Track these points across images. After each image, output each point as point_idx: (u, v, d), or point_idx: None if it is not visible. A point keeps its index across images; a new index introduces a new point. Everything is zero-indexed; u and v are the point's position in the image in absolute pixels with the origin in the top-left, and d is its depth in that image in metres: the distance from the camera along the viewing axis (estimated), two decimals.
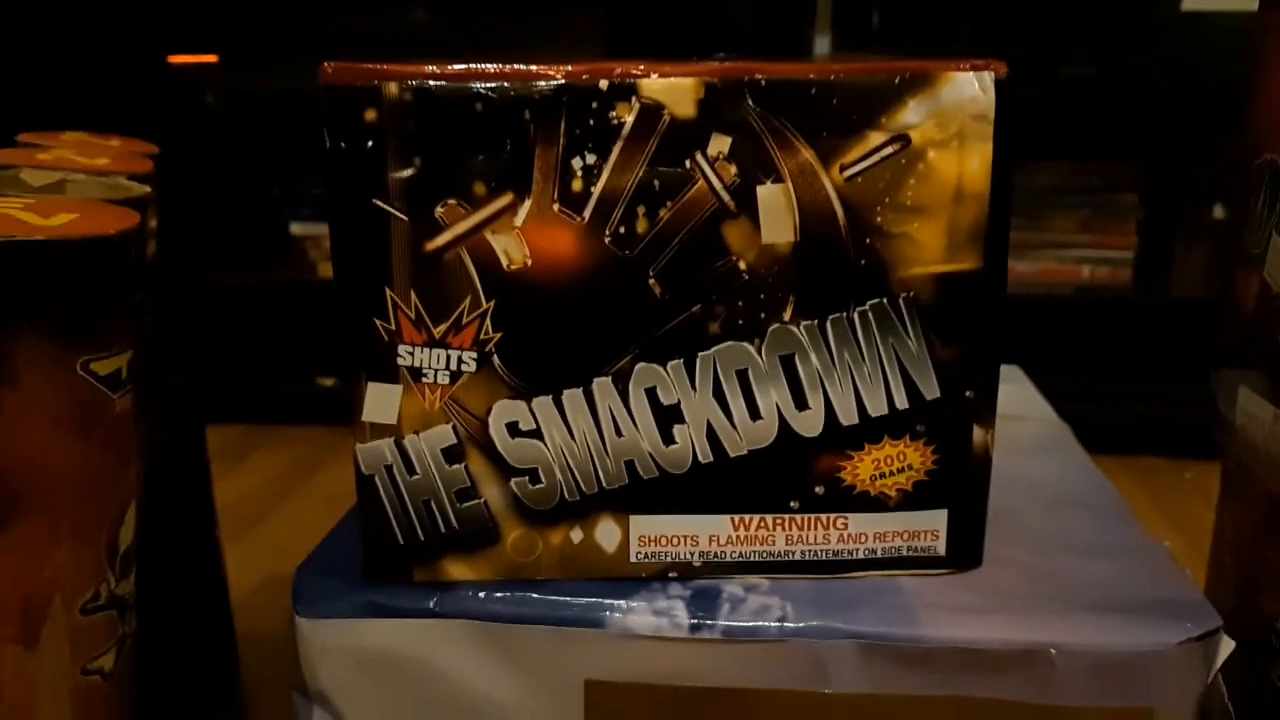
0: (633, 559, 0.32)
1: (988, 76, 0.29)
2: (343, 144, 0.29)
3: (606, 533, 0.31)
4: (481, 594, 0.31)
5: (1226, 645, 0.29)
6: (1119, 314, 1.15)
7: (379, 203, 0.29)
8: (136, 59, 1.18)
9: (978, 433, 0.31)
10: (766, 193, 0.29)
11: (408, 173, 0.29)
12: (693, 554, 0.32)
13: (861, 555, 0.32)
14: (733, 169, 0.29)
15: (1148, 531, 0.35)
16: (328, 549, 0.34)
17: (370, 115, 0.28)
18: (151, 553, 0.34)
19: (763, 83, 0.28)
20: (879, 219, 0.29)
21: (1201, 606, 0.30)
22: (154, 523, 0.34)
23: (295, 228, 1.26)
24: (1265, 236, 0.34)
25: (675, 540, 0.32)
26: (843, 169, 0.29)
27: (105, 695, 0.32)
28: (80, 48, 1.11)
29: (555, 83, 0.28)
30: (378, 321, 0.30)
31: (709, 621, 0.30)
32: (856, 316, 0.30)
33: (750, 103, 0.28)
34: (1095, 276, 1.20)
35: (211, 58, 1.23)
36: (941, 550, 0.32)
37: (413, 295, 0.29)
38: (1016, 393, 0.50)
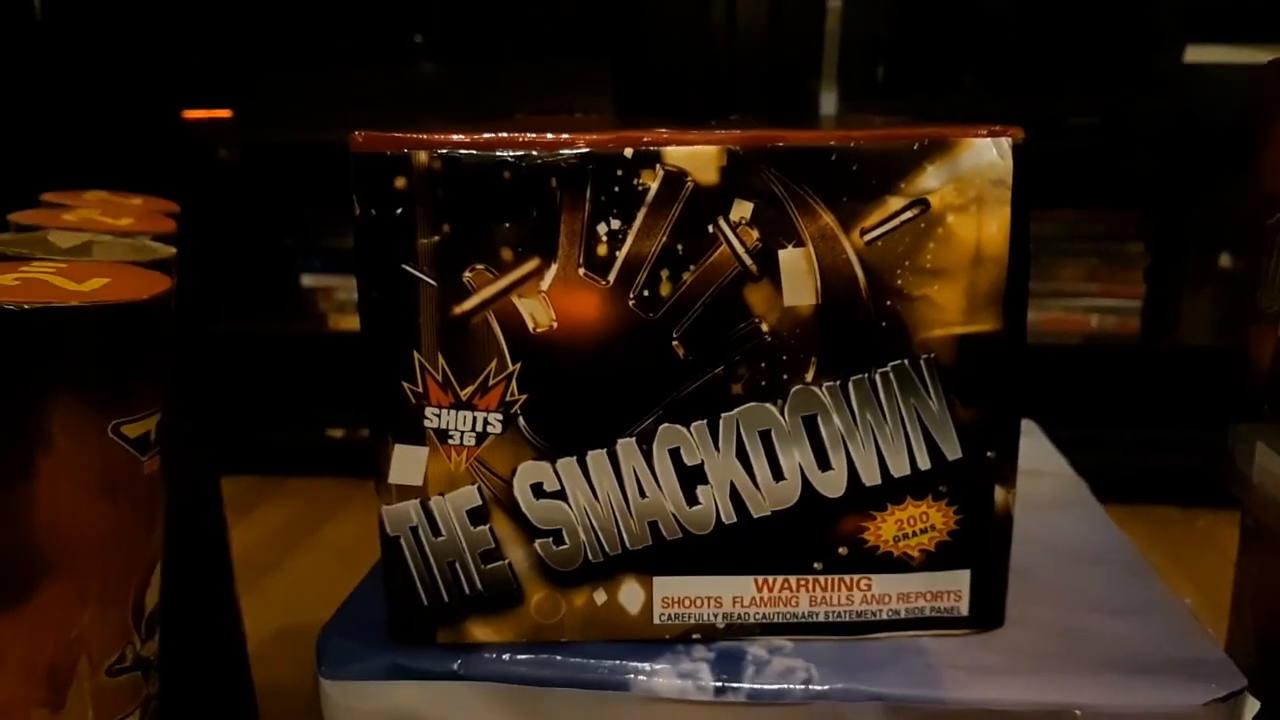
0: (656, 620, 0.32)
1: (1005, 143, 0.29)
2: (372, 210, 0.29)
3: (630, 594, 0.32)
4: (505, 656, 0.31)
5: (1252, 706, 0.29)
6: (1128, 362, 1.16)
7: (408, 268, 0.29)
8: (151, 113, 1.20)
9: (999, 493, 0.31)
10: (788, 257, 0.29)
11: (436, 239, 0.29)
12: (716, 615, 0.32)
13: (885, 616, 0.32)
14: (755, 234, 0.29)
15: (1168, 588, 0.35)
16: (350, 609, 0.34)
17: (400, 183, 0.29)
18: (172, 610, 0.34)
19: (784, 150, 0.29)
20: (899, 282, 0.30)
21: (1226, 666, 0.30)
22: (173, 579, 0.34)
23: (306, 279, 1.28)
24: (1279, 296, 0.34)
25: (699, 602, 0.32)
26: (863, 233, 0.29)
27: None
28: (96, 103, 1.13)
29: (581, 151, 0.29)
30: (405, 385, 0.30)
31: (734, 684, 0.30)
32: (878, 377, 0.30)
33: (772, 170, 0.29)
34: (1103, 325, 1.20)
35: (225, 112, 1.25)
36: (964, 610, 0.32)
37: (440, 358, 0.30)
38: (1032, 447, 0.50)
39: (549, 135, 0.29)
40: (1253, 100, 0.35)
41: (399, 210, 0.29)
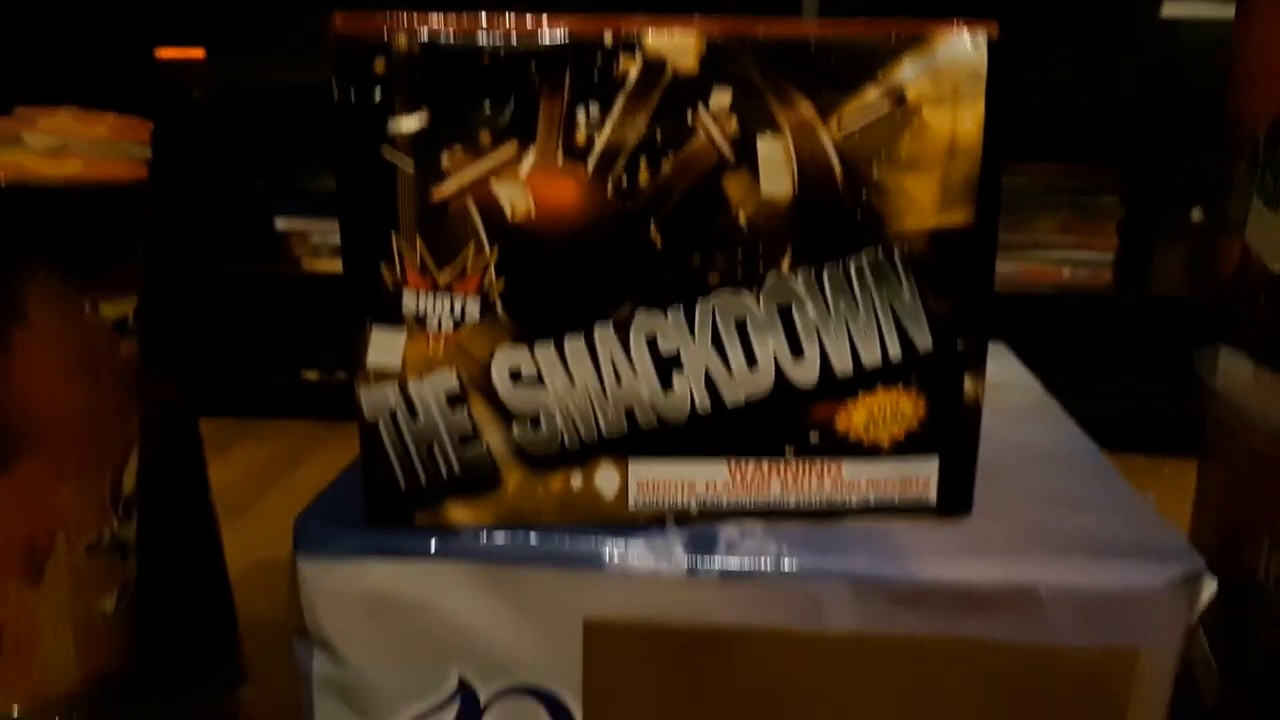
0: (631, 505, 0.32)
1: (981, 37, 0.30)
2: (351, 93, 0.29)
3: (606, 478, 0.32)
4: (482, 537, 0.32)
5: (1210, 585, 0.30)
6: (1099, 313, 1.17)
7: (386, 151, 0.29)
8: (123, 53, 1.18)
9: (969, 382, 0.32)
10: (766, 146, 0.30)
11: (415, 122, 0.29)
12: (689, 500, 0.32)
13: (854, 502, 0.33)
14: (734, 122, 0.30)
15: (1132, 488, 0.36)
16: (328, 496, 0.34)
17: (379, 66, 0.29)
18: (149, 506, 0.34)
19: (763, 41, 0.29)
20: (875, 173, 0.30)
21: (1186, 550, 0.31)
22: (151, 478, 0.34)
23: (281, 222, 1.27)
24: (1247, 202, 0.35)
25: (673, 486, 0.32)
26: (840, 124, 0.30)
27: (106, 637, 0.32)
28: (67, 40, 1.11)
29: (561, 37, 0.29)
30: (383, 267, 0.30)
31: (706, 562, 0.31)
32: (852, 267, 0.31)
33: (751, 60, 0.29)
34: (1076, 277, 1.21)
35: (199, 52, 1.23)
36: (932, 498, 0.33)
37: (419, 242, 0.30)
38: (1003, 366, 0.51)
39: (529, 21, 0.29)
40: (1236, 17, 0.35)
41: (377, 93, 0.29)
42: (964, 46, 0.30)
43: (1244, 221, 0.35)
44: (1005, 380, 0.47)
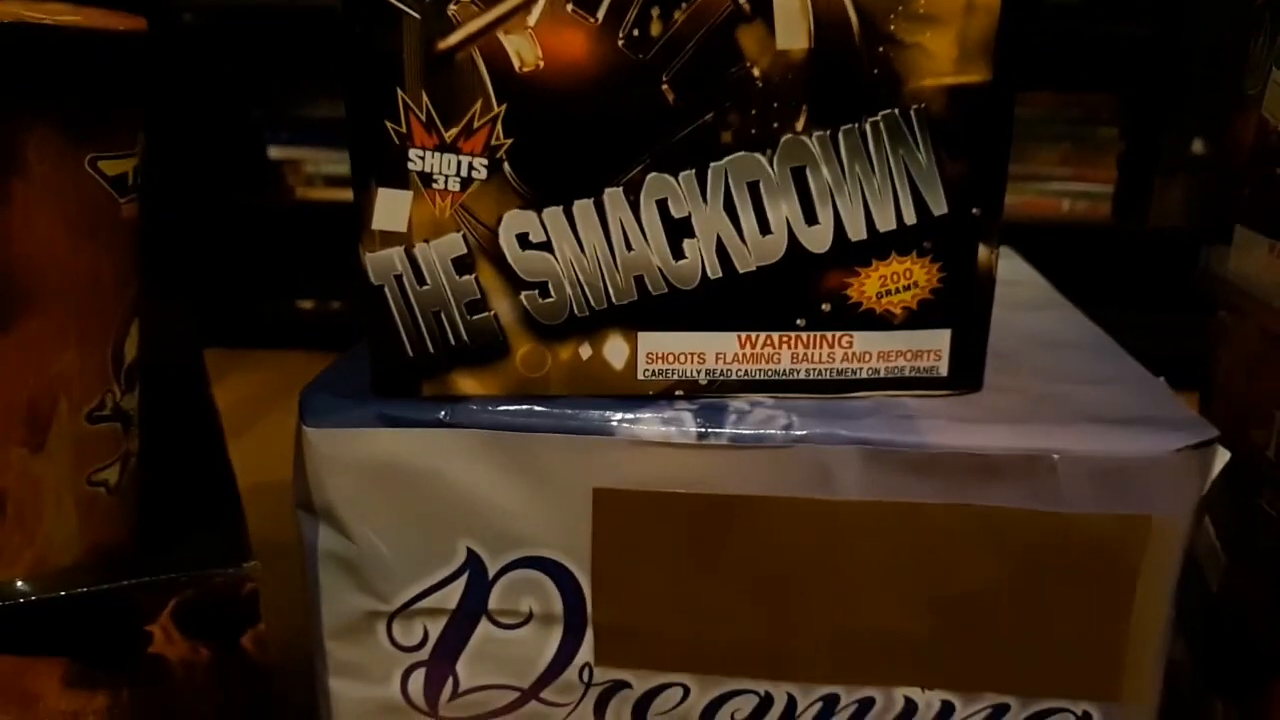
0: (640, 376, 0.32)
1: None
2: None
3: (615, 349, 0.32)
4: (491, 406, 0.31)
5: (1222, 456, 0.30)
6: (1098, 245, 1.16)
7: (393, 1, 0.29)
8: None
9: (983, 251, 0.32)
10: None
11: None
12: (699, 372, 0.32)
13: (865, 374, 0.32)
14: None
15: (1144, 368, 0.36)
16: (335, 371, 0.34)
17: None
18: (148, 384, 0.33)
19: None
20: (892, 27, 0.29)
21: (1198, 421, 0.31)
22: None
23: (274, 151, 1.25)
24: (1265, 74, 0.34)
25: (682, 358, 0.32)
26: None
27: (109, 508, 0.32)
28: None
29: None
30: (389, 124, 0.29)
31: (716, 429, 0.30)
32: (868, 127, 0.30)
33: None
34: (1075, 209, 1.21)
35: None
36: (944, 371, 0.32)
37: (424, 96, 0.29)
38: (1012, 265, 0.50)
39: None
40: None
41: None
42: None
43: (1261, 97, 0.35)
44: (1014, 278, 0.47)
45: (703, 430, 0.30)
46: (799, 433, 0.30)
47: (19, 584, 0.30)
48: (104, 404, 0.31)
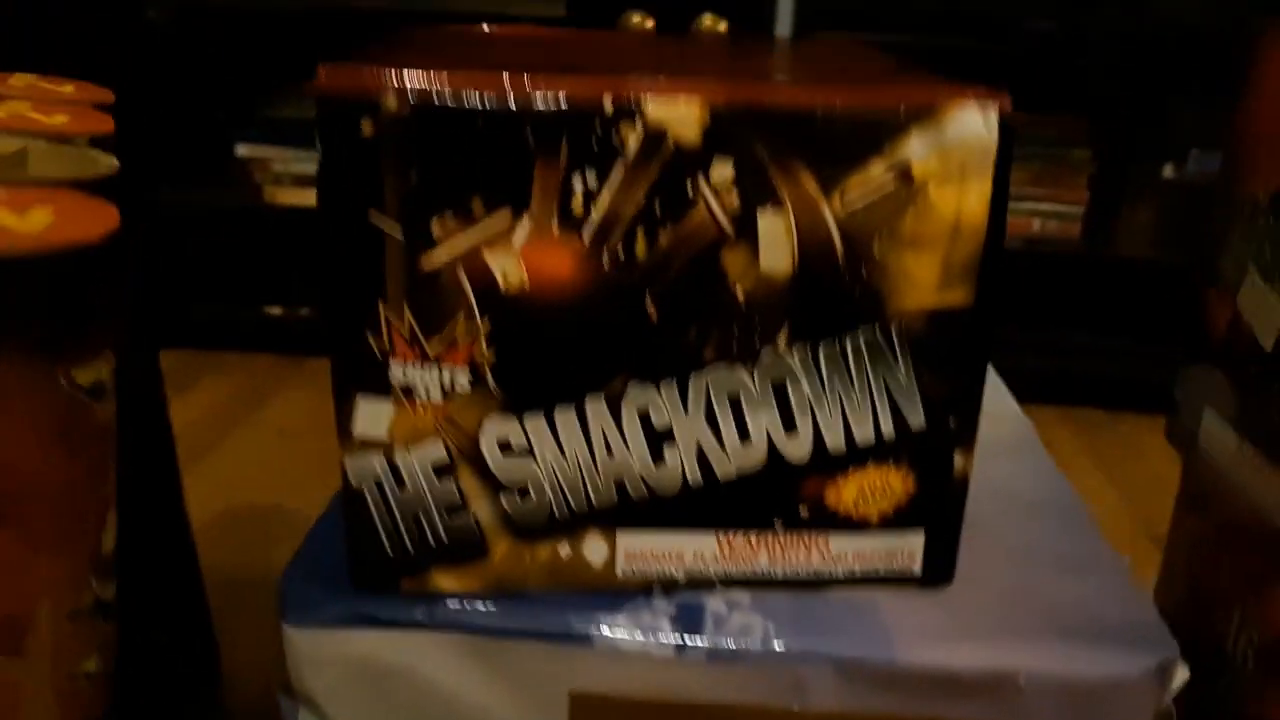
0: (619, 574, 0.32)
1: (993, 113, 0.29)
2: (337, 154, 0.28)
3: (594, 548, 0.32)
4: (469, 606, 0.31)
5: (1182, 673, 0.31)
6: (1066, 268, 1.17)
7: (374, 216, 0.28)
8: None
9: (958, 458, 0.32)
10: (767, 221, 0.29)
11: (403, 186, 0.28)
12: (678, 570, 0.32)
13: (840, 573, 0.33)
14: (735, 196, 0.29)
15: (1107, 543, 0.36)
16: (310, 551, 0.34)
17: (367, 127, 0.27)
18: (126, 544, 0.33)
19: (768, 112, 0.28)
20: (876, 251, 0.29)
21: (1159, 633, 0.31)
22: (126, 510, 0.33)
23: (241, 149, 1.22)
24: (1241, 267, 0.34)
25: (661, 556, 0.32)
26: (844, 200, 0.29)
27: (89, 695, 0.32)
28: None
29: (558, 102, 0.28)
30: (370, 337, 0.29)
31: (693, 642, 0.31)
32: (849, 344, 0.30)
33: (755, 131, 0.28)
34: (1045, 230, 1.21)
35: None
36: (917, 569, 0.33)
37: (406, 312, 0.29)
38: (990, 393, 0.50)
39: (525, 83, 0.28)
40: (1235, 70, 0.34)
41: (365, 154, 0.28)
42: (975, 123, 0.29)
43: (1238, 284, 0.35)
44: (990, 410, 0.47)
45: (680, 643, 0.31)
46: (776, 647, 0.31)
47: None
48: (82, 601, 0.31)
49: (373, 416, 0.30)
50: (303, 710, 0.32)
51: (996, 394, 0.50)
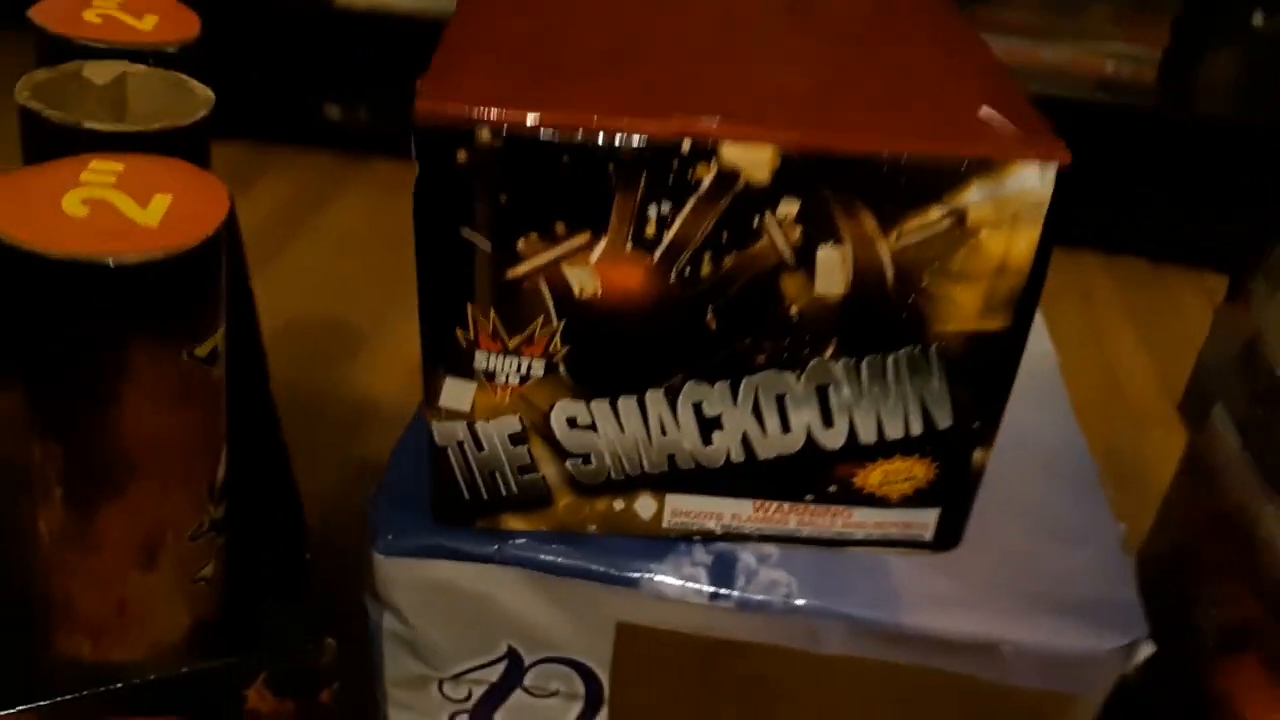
0: (665, 525, 0.37)
1: (1052, 169, 0.30)
2: (433, 178, 0.30)
3: (644, 505, 0.36)
4: (535, 545, 0.36)
5: (1147, 649, 0.35)
6: (1136, 115, 1.14)
7: (465, 231, 0.31)
8: None
9: (978, 454, 0.36)
10: (826, 253, 0.31)
11: (493, 208, 0.30)
12: (717, 525, 0.37)
13: (860, 537, 0.37)
14: (798, 230, 0.31)
15: (1109, 511, 0.40)
16: (394, 480, 0.38)
17: (461, 156, 0.30)
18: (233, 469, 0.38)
19: (836, 159, 0.30)
20: (924, 282, 0.32)
21: (1133, 613, 0.36)
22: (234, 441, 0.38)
23: None
24: (1267, 307, 0.36)
25: (702, 515, 0.36)
26: (899, 237, 0.31)
27: (207, 595, 0.38)
28: None
29: (640, 142, 0.30)
30: (458, 330, 0.32)
31: (726, 591, 0.36)
32: (890, 360, 0.33)
33: (823, 175, 0.30)
34: (1119, 71, 1.17)
35: None
36: (929, 537, 0.37)
37: (492, 313, 0.32)
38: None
39: (611, 121, 0.29)
40: None
41: (459, 179, 0.30)
42: (1032, 178, 0.30)
43: (1264, 306, 0.37)
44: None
45: (714, 591, 0.36)
46: (797, 602, 0.35)
47: (141, 664, 0.36)
48: (202, 524, 0.36)
49: (457, 393, 0.34)
50: (386, 612, 0.38)
51: (1038, 335, 0.52)
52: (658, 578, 0.36)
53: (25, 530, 0.35)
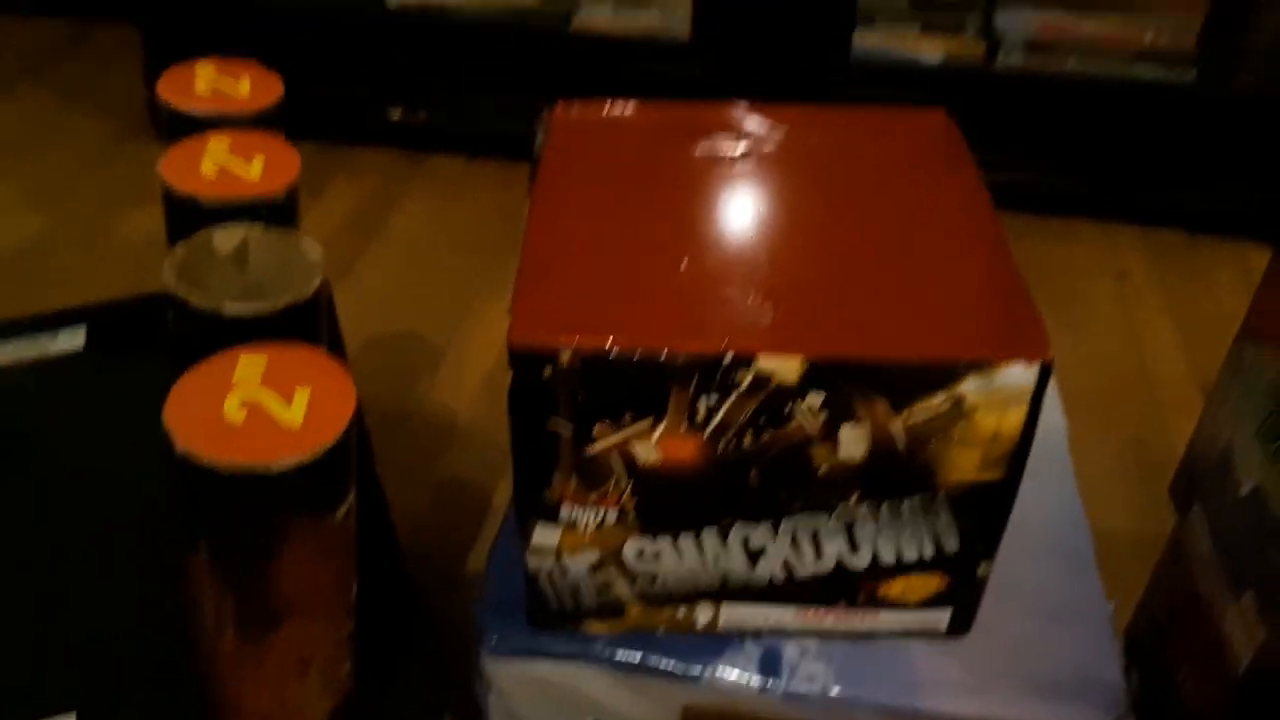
0: (720, 627, 0.44)
1: (1035, 366, 0.36)
2: (525, 382, 0.37)
3: (703, 613, 0.44)
4: (612, 646, 0.44)
5: None
6: (1172, 92, 1.15)
7: (551, 422, 0.38)
8: None
9: (983, 566, 0.42)
10: (847, 431, 0.38)
11: (573, 404, 0.37)
12: (764, 625, 0.44)
13: (885, 630, 0.44)
14: (823, 416, 0.37)
15: (1101, 590, 0.47)
16: (494, 583, 0.46)
17: (547, 372, 0.36)
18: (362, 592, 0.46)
19: (855, 365, 0.36)
20: (931, 447, 0.38)
21: (1117, 692, 0.43)
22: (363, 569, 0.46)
23: None
24: (1238, 416, 0.42)
25: (752, 618, 0.44)
26: (909, 416, 0.37)
27: (344, 686, 0.46)
28: None
29: (690, 357, 0.36)
30: (547, 490, 0.40)
31: (773, 683, 0.43)
32: (905, 503, 0.40)
33: (844, 376, 0.36)
34: (1157, 43, 1.18)
35: None
36: (943, 629, 0.44)
37: (573, 478, 0.39)
38: None
39: (666, 343, 0.36)
40: None
41: (546, 387, 0.37)
42: (1019, 374, 0.36)
43: (1237, 415, 0.43)
44: None
45: (762, 685, 0.43)
46: (834, 694, 0.43)
47: None
48: (340, 637, 0.44)
49: (546, 535, 0.41)
50: (493, 699, 0.46)
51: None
52: (716, 674, 0.43)
53: (200, 649, 0.43)
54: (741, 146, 0.47)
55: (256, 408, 0.39)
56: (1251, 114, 1.13)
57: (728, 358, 0.36)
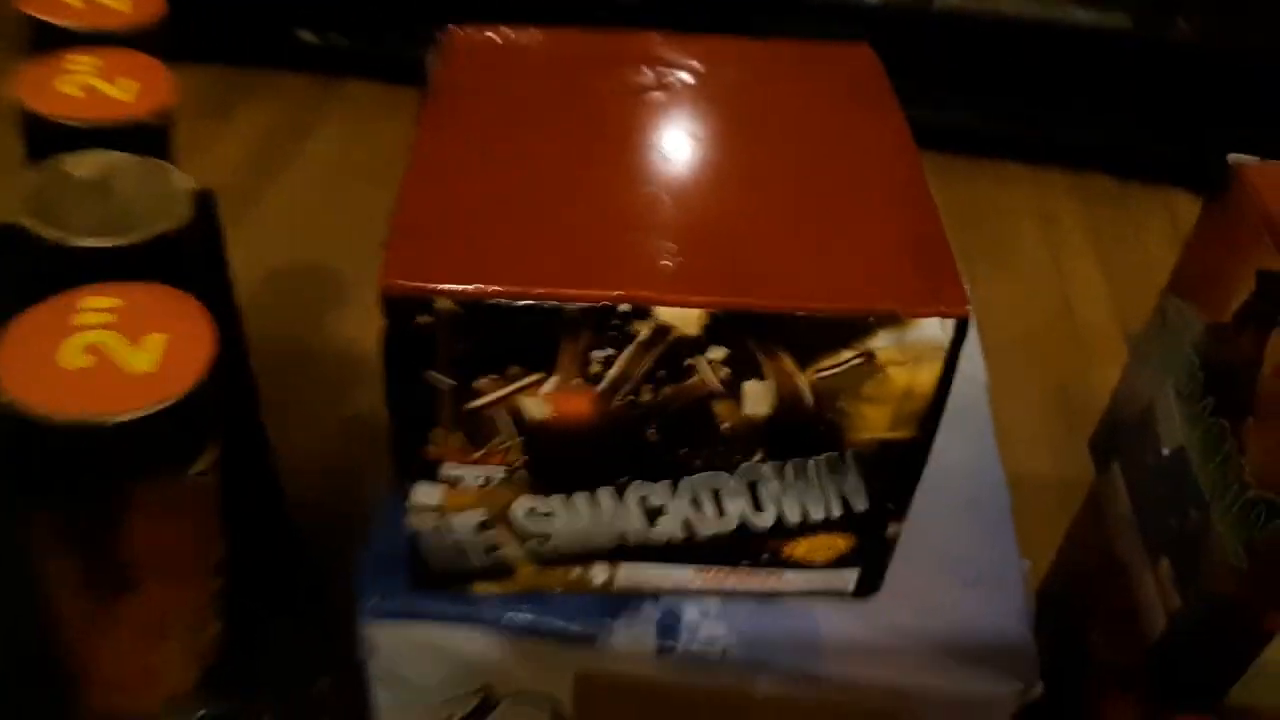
0: (616, 587, 0.42)
1: (951, 321, 0.34)
2: (398, 332, 0.34)
3: (598, 573, 0.41)
4: (501, 607, 0.41)
5: (1038, 689, 0.41)
6: (1108, 42, 1.14)
7: (429, 376, 0.34)
8: None
9: (892, 527, 0.40)
10: (751, 386, 0.35)
11: (453, 356, 0.34)
12: (663, 585, 0.42)
13: (789, 591, 0.42)
14: (726, 370, 0.35)
15: (1017, 551, 0.45)
16: (379, 537, 0.43)
17: (424, 319, 0.33)
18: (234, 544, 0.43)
19: (757, 315, 0.33)
20: (839, 403, 0.36)
21: (1029, 658, 0.41)
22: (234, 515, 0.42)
23: None
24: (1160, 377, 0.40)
25: (650, 579, 0.41)
26: (816, 372, 0.35)
27: (213, 647, 0.43)
28: None
29: (584, 306, 0.33)
30: (426, 448, 0.36)
31: (669, 647, 0.41)
32: (810, 463, 0.37)
33: (747, 328, 0.34)
34: None
35: None
36: (850, 590, 0.42)
37: (456, 435, 0.36)
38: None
39: (555, 291, 0.33)
40: None
41: (422, 335, 0.33)
42: (934, 328, 0.34)
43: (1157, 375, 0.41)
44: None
45: (659, 647, 0.41)
46: (734, 657, 0.41)
47: (157, 714, 0.42)
48: (204, 596, 0.41)
49: (426, 494, 0.38)
50: (374, 661, 0.43)
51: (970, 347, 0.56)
52: (611, 635, 0.41)
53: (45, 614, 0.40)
54: (651, 78, 0.43)
55: (100, 353, 0.35)
56: (1186, 63, 1.12)
57: (624, 307, 0.33)
